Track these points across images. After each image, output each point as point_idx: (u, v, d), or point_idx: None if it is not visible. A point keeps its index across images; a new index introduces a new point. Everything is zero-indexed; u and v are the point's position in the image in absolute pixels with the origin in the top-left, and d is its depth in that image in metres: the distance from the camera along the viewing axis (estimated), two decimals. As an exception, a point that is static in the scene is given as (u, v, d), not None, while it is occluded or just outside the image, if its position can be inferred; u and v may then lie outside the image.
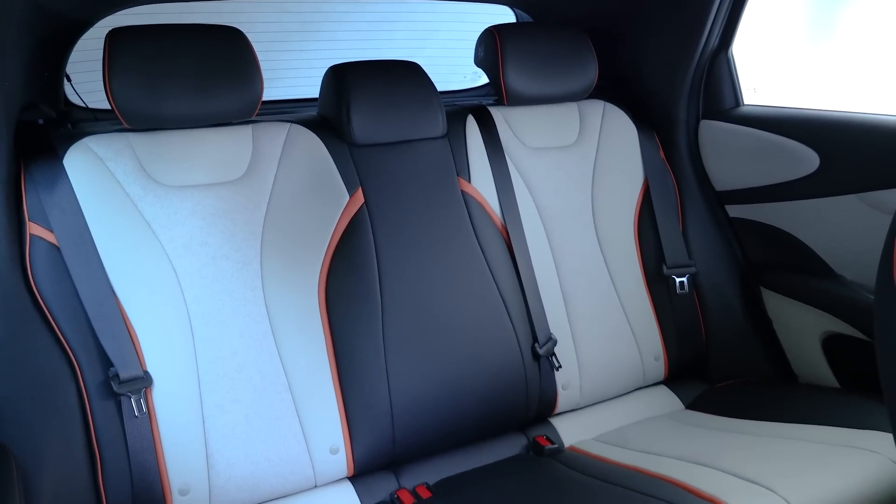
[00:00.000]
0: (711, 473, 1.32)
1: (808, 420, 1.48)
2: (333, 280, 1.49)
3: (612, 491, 1.32)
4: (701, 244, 1.87)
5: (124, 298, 1.34)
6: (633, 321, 1.78)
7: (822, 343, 1.71)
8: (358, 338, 1.47)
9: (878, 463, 1.29)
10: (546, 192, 1.76)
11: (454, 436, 1.56)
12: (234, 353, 1.39)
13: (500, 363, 1.57)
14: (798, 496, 1.21)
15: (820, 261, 1.70)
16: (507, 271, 1.64)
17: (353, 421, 1.45)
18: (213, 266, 1.41)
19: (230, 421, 1.36)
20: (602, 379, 1.73)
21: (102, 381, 1.29)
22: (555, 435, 1.66)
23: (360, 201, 1.55)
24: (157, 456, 1.31)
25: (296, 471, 1.40)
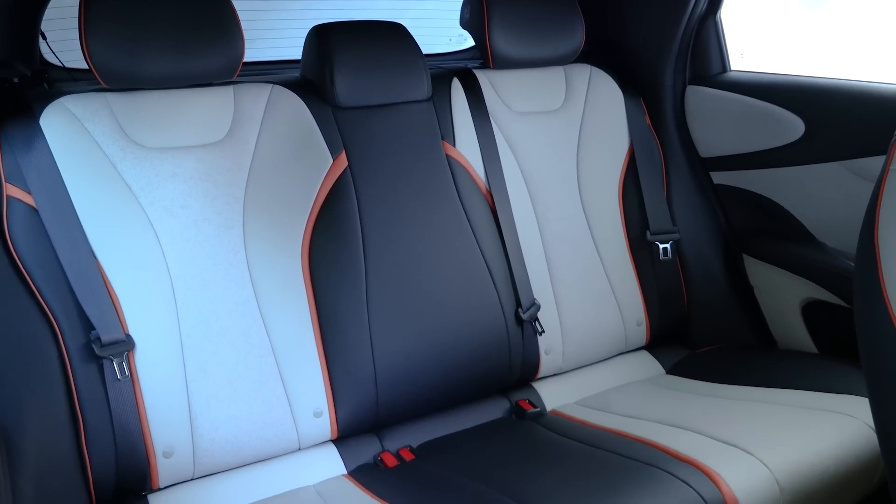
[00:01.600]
0: (690, 436, 1.35)
1: (787, 385, 1.50)
2: (317, 244, 1.49)
3: (593, 453, 1.34)
4: (685, 211, 1.87)
5: (105, 261, 1.32)
6: (616, 287, 1.79)
7: (802, 309, 1.73)
8: (341, 302, 1.47)
9: (854, 427, 1.32)
10: (531, 158, 1.75)
11: (437, 400, 1.57)
12: (217, 316, 1.39)
13: (483, 328, 1.58)
14: (775, 458, 1.24)
15: (802, 228, 1.71)
16: (491, 236, 1.64)
17: (337, 385, 1.45)
18: (195, 229, 1.40)
19: (213, 384, 1.36)
20: (584, 344, 1.74)
21: (84, 344, 1.28)
22: (537, 399, 1.67)
23: (344, 165, 1.53)
24: (141, 419, 1.31)
25: (280, 434, 1.41)
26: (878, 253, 0.89)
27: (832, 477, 1.25)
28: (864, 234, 0.93)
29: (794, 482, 1.22)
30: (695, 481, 1.19)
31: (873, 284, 0.89)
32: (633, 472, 1.23)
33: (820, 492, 1.24)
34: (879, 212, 0.91)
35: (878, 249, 0.89)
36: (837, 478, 1.26)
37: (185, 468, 1.34)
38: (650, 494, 1.17)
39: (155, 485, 1.33)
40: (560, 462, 1.32)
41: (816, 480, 1.24)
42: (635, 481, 1.21)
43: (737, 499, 1.18)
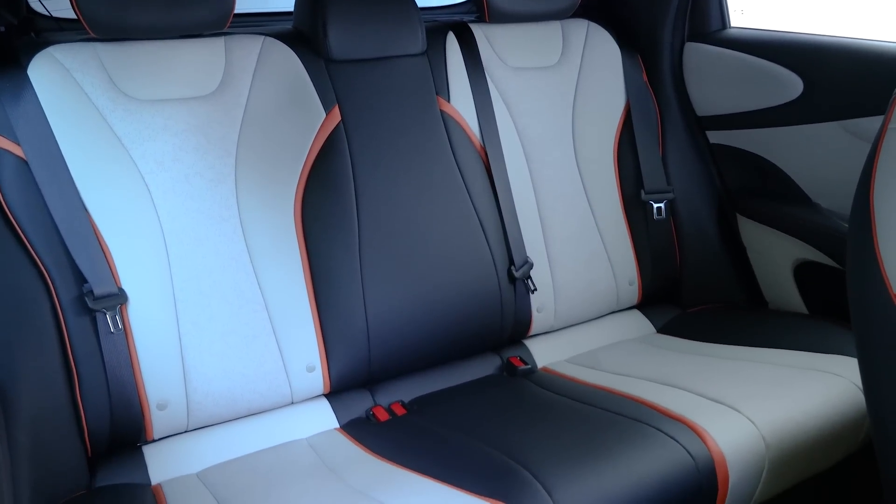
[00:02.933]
0: (679, 394, 1.36)
1: (776, 344, 1.52)
2: (309, 199, 1.48)
3: (583, 409, 1.35)
4: (680, 170, 1.87)
5: (96, 214, 1.31)
6: (609, 246, 1.79)
7: (794, 270, 1.74)
8: (334, 258, 1.47)
9: (842, 386, 1.33)
10: (526, 114, 1.73)
11: (429, 356, 1.58)
12: (210, 271, 1.38)
13: (476, 285, 1.58)
14: (762, 416, 1.25)
15: (797, 188, 1.71)
16: (484, 194, 1.63)
17: (330, 340, 1.46)
18: (187, 183, 1.39)
19: (206, 338, 1.36)
20: (576, 302, 1.75)
21: (76, 297, 1.28)
22: (528, 356, 1.69)
23: (337, 119, 1.52)
24: (135, 372, 1.31)
25: (273, 388, 1.42)
26: (872, 213, 0.89)
27: (818, 434, 1.27)
28: (860, 194, 0.93)
29: (780, 439, 1.24)
30: (683, 437, 1.21)
31: (867, 244, 0.89)
32: (622, 429, 1.25)
33: (805, 449, 1.26)
34: (876, 171, 0.90)
35: (872, 209, 0.89)
36: (823, 435, 1.28)
37: (178, 420, 1.35)
38: (639, 450, 1.19)
39: (149, 436, 1.35)
40: (550, 418, 1.33)
41: (802, 438, 1.26)
42: (624, 437, 1.22)
43: (723, 454, 1.20)
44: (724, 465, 1.19)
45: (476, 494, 1.10)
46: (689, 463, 1.18)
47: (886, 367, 0.89)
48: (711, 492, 1.19)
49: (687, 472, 1.17)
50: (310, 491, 1.18)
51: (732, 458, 1.20)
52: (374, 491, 1.15)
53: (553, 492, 1.09)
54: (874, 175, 0.91)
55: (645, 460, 1.17)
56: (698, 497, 1.18)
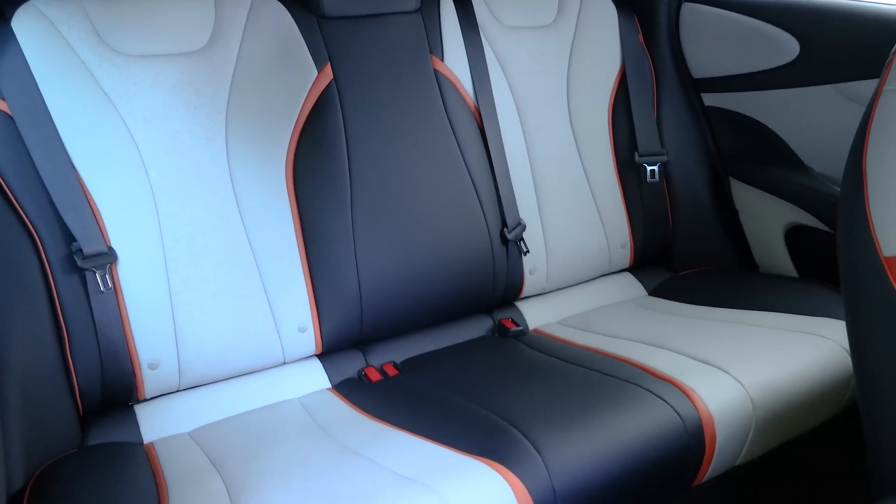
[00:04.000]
0: (669, 355, 1.37)
1: (766, 307, 1.53)
2: (301, 159, 1.46)
3: (573, 370, 1.36)
4: (674, 132, 1.86)
5: (84, 172, 1.30)
6: (602, 208, 1.78)
7: (785, 234, 1.75)
8: (326, 218, 1.46)
9: (829, 348, 1.35)
10: (521, 74, 1.71)
11: (421, 317, 1.58)
12: (201, 230, 1.37)
13: (468, 246, 1.58)
14: (750, 377, 1.27)
15: (790, 152, 1.71)
16: (478, 154, 1.62)
17: (321, 300, 1.46)
18: (177, 141, 1.37)
19: (197, 298, 1.36)
20: (568, 265, 1.75)
21: (65, 255, 1.27)
22: (520, 318, 1.69)
23: (329, 77, 1.50)
24: (125, 331, 1.31)
25: (264, 348, 1.42)
26: (864, 176, 0.89)
27: (804, 395, 1.29)
28: (852, 157, 0.92)
29: (767, 399, 1.25)
30: (671, 398, 1.22)
31: (858, 207, 0.89)
32: (612, 389, 1.26)
33: (792, 409, 1.28)
34: (869, 134, 0.90)
35: (865, 172, 0.89)
36: (809, 396, 1.29)
37: (170, 380, 1.35)
38: (628, 410, 1.20)
39: (141, 395, 1.35)
40: (540, 378, 1.34)
41: (789, 398, 1.27)
42: (614, 398, 1.23)
43: (711, 415, 1.21)
44: (711, 425, 1.21)
45: (466, 453, 1.11)
46: (678, 423, 1.19)
47: (873, 329, 0.89)
48: (699, 451, 1.20)
49: (675, 431, 1.18)
50: (301, 449, 1.19)
51: (720, 419, 1.21)
52: (366, 449, 1.16)
53: (543, 451, 1.11)
54: (867, 137, 0.91)
55: (634, 420, 1.18)
56: (686, 456, 1.19)
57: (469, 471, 1.06)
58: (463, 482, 1.04)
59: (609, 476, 1.12)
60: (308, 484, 1.06)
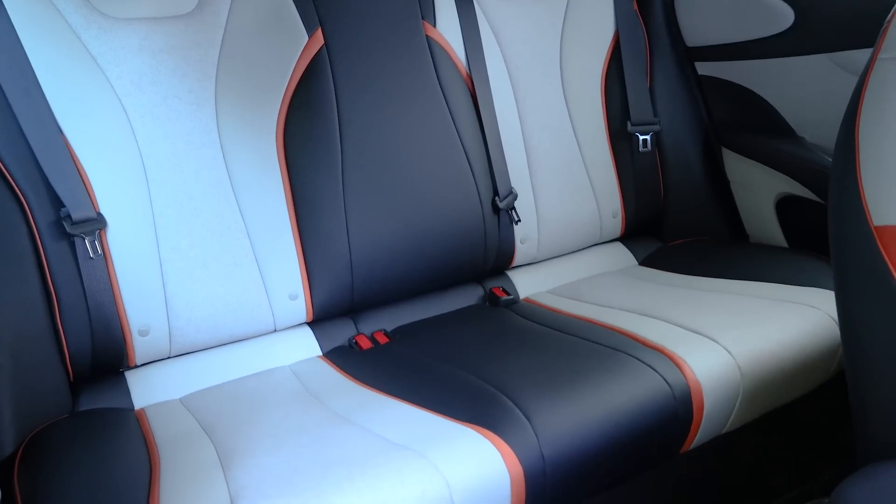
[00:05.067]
0: (658, 324, 1.38)
1: (755, 277, 1.53)
2: (291, 125, 1.45)
3: (563, 339, 1.37)
4: (667, 102, 1.85)
5: (72, 137, 1.28)
6: (593, 178, 1.78)
7: (776, 204, 1.75)
8: (317, 185, 1.45)
9: (817, 318, 1.35)
10: (514, 42, 1.69)
11: (412, 285, 1.58)
12: (190, 197, 1.37)
13: (459, 215, 1.57)
14: (738, 346, 1.28)
15: (782, 122, 1.70)
16: (470, 122, 1.61)
17: (312, 268, 1.46)
18: (165, 106, 1.35)
19: (188, 264, 1.36)
20: (560, 234, 1.75)
21: (54, 221, 1.26)
22: (511, 287, 1.70)
23: (320, 43, 1.48)
24: (115, 297, 1.31)
25: (255, 315, 1.42)
26: (857, 145, 0.89)
27: (792, 364, 1.30)
28: (845, 126, 0.92)
29: (754, 368, 1.26)
30: (660, 366, 1.23)
31: (849, 177, 0.89)
32: (602, 357, 1.26)
33: (779, 377, 1.29)
34: (862, 103, 0.89)
35: (857, 141, 0.89)
36: (797, 365, 1.31)
37: (161, 346, 1.35)
38: (617, 378, 1.21)
39: (132, 362, 1.35)
40: (531, 346, 1.35)
41: (777, 367, 1.28)
42: (603, 366, 1.24)
43: (699, 383, 1.22)
44: (699, 393, 1.22)
45: (457, 420, 1.12)
46: (666, 391, 1.20)
47: (861, 298, 0.90)
48: (686, 418, 1.22)
49: (664, 399, 1.19)
50: (292, 416, 1.19)
51: (708, 387, 1.23)
52: (357, 416, 1.17)
53: (532, 418, 1.11)
54: (860, 106, 0.90)
55: (623, 388, 1.19)
56: (674, 424, 1.21)
57: (459, 438, 1.07)
58: (453, 449, 1.05)
59: (597, 443, 1.13)
60: (299, 450, 1.07)
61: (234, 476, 1.02)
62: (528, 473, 1.07)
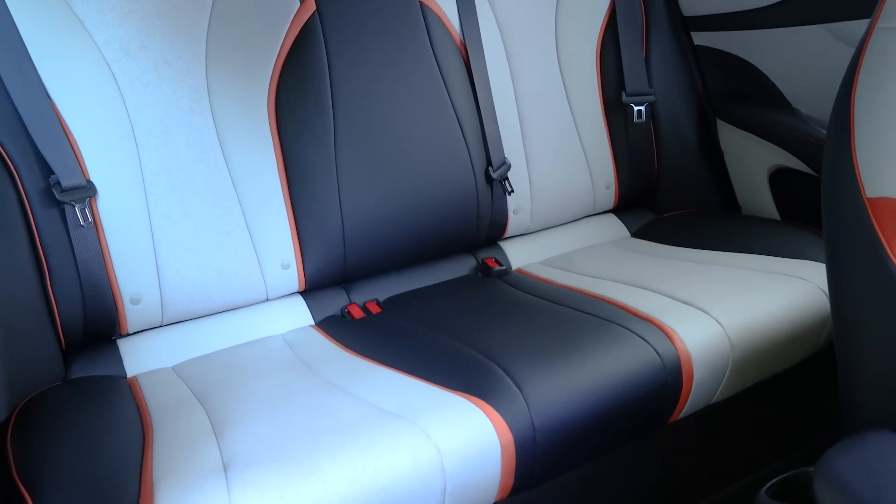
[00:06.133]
0: (650, 296, 1.38)
1: (747, 249, 1.54)
2: (283, 93, 1.44)
3: (555, 309, 1.37)
4: (662, 72, 1.83)
5: (60, 103, 1.27)
6: (587, 148, 1.77)
7: (770, 176, 1.75)
8: (309, 154, 1.44)
9: (808, 290, 1.36)
10: (508, 10, 1.67)
11: (405, 255, 1.58)
12: (181, 164, 1.35)
13: (452, 185, 1.57)
14: (728, 317, 1.28)
15: (778, 93, 1.70)
16: (463, 91, 1.60)
17: (304, 237, 1.45)
18: (155, 72, 1.34)
19: (179, 233, 1.35)
20: (553, 205, 1.75)
21: (43, 188, 1.25)
22: (503, 257, 1.70)
23: (312, 9, 1.46)
24: (107, 265, 1.30)
25: (247, 284, 1.42)
26: (852, 115, 0.89)
27: (781, 336, 1.31)
28: (840, 97, 0.92)
29: (744, 339, 1.27)
30: (651, 337, 1.24)
31: (844, 148, 0.89)
32: (593, 328, 1.27)
33: (768, 349, 1.30)
34: (859, 73, 0.89)
35: (852, 112, 0.89)
36: (786, 337, 1.32)
37: (153, 315, 1.35)
38: (608, 348, 1.21)
39: (124, 330, 1.35)
40: (522, 316, 1.35)
41: (766, 338, 1.29)
42: (594, 336, 1.24)
43: (689, 353, 1.23)
44: (689, 363, 1.23)
45: (448, 389, 1.13)
46: (657, 361, 1.21)
47: (852, 270, 0.90)
48: (676, 388, 1.23)
49: (654, 369, 1.20)
50: (285, 384, 1.20)
51: (698, 357, 1.23)
52: (349, 385, 1.17)
53: (523, 387, 1.12)
54: (857, 77, 0.90)
55: (613, 358, 1.20)
56: (663, 394, 1.22)
57: (451, 406, 1.08)
58: (445, 416, 1.06)
59: (587, 412, 1.14)
60: (291, 417, 1.07)
61: (227, 442, 1.03)
62: (518, 441, 1.08)
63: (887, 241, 0.84)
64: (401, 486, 0.98)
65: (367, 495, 0.96)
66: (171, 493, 0.92)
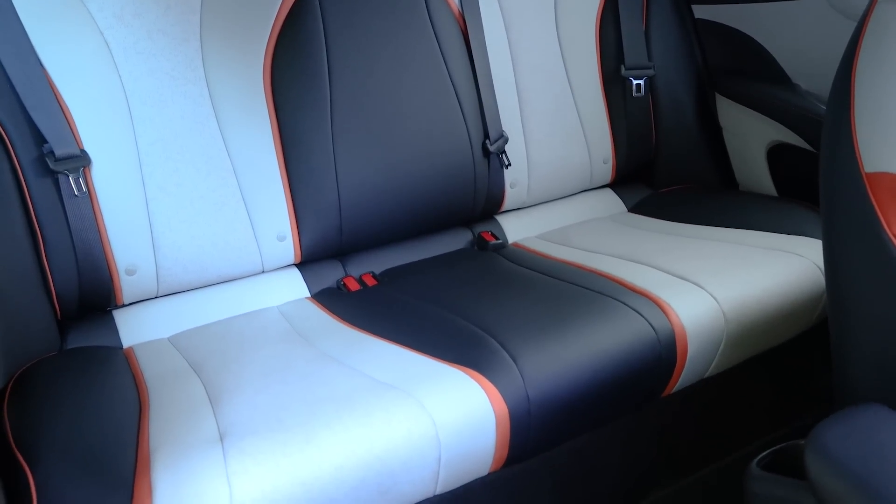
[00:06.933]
0: (645, 270, 1.39)
1: (743, 225, 1.54)
2: (279, 63, 1.42)
3: (551, 283, 1.37)
4: (662, 46, 1.82)
5: (53, 71, 1.25)
6: (585, 122, 1.76)
7: (768, 152, 1.74)
8: (305, 125, 1.43)
9: (803, 266, 1.36)
10: (507, -20, 1.66)
11: (401, 228, 1.58)
12: (176, 135, 1.34)
13: (449, 158, 1.56)
14: (723, 292, 1.29)
15: (778, 68, 1.68)
16: (461, 63, 1.58)
17: (300, 209, 1.45)
18: (149, 41, 1.32)
19: (174, 203, 1.34)
20: (550, 179, 1.74)
21: (37, 157, 1.24)
22: (500, 231, 1.70)
23: (308, -22, 1.44)
24: (101, 236, 1.29)
25: (242, 256, 1.41)
26: (852, 90, 0.88)
27: (776, 311, 1.31)
28: (841, 71, 0.91)
29: (739, 314, 1.28)
30: (646, 311, 1.24)
31: (843, 122, 0.88)
32: (588, 301, 1.27)
33: (762, 324, 1.31)
34: (861, 46, 0.88)
35: (853, 86, 0.88)
36: (781, 312, 1.32)
37: (148, 286, 1.35)
38: (603, 322, 1.22)
39: (119, 301, 1.35)
40: (518, 290, 1.35)
41: (760, 313, 1.30)
42: (590, 310, 1.25)
43: (684, 327, 1.23)
44: (684, 337, 1.23)
45: (444, 361, 1.13)
46: (651, 335, 1.21)
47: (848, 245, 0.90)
48: (670, 362, 1.23)
49: (648, 343, 1.21)
50: (280, 355, 1.20)
51: (692, 331, 1.24)
52: (344, 356, 1.17)
53: (518, 359, 1.13)
54: (858, 51, 0.89)
55: (608, 332, 1.20)
56: (657, 367, 1.22)
57: (446, 377, 1.08)
58: (440, 388, 1.06)
59: (582, 385, 1.15)
60: (287, 388, 1.08)
61: (224, 412, 1.03)
62: (512, 413, 1.08)
63: (884, 215, 0.84)
64: (396, 456, 0.99)
65: (362, 465, 0.96)
66: (168, 462, 0.93)
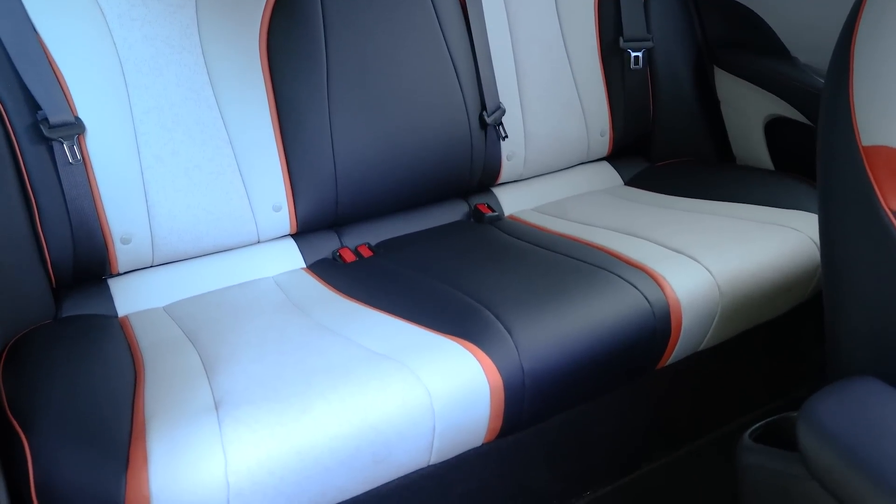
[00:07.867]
0: (641, 243, 1.39)
1: (739, 199, 1.54)
2: (275, 32, 1.41)
3: (546, 255, 1.37)
4: (661, 17, 1.80)
5: (47, 38, 1.24)
6: (583, 95, 1.75)
7: (766, 126, 1.73)
8: (301, 95, 1.42)
9: (798, 240, 1.37)
10: (506, -51, 1.63)
11: (397, 200, 1.57)
12: (171, 103, 1.33)
13: (446, 129, 1.55)
14: (719, 265, 1.29)
15: (777, 41, 1.67)
16: (459, 34, 1.57)
17: (296, 180, 1.44)
18: (144, 7, 1.30)
19: (170, 172, 1.34)
20: (547, 152, 1.73)
21: (31, 124, 1.23)
22: (496, 203, 1.69)
23: (305, -55, 1.42)
24: (96, 204, 1.29)
25: (238, 226, 1.41)
26: (851, 63, 0.87)
27: (770, 285, 1.32)
28: (840, 43, 0.90)
29: (734, 287, 1.28)
30: (641, 284, 1.24)
31: (842, 95, 0.88)
32: (583, 274, 1.27)
33: (757, 297, 1.31)
34: (860, 19, 0.87)
35: (852, 59, 0.87)
36: (775, 286, 1.32)
37: (143, 254, 1.35)
38: (598, 295, 1.22)
39: (114, 269, 1.35)
40: (514, 262, 1.36)
41: (755, 287, 1.30)
42: (585, 282, 1.25)
43: (679, 301, 1.24)
44: (678, 310, 1.24)
45: (439, 332, 1.13)
46: (646, 308, 1.22)
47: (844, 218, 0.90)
48: (665, 335, 1.24)
49: (643, 316, 1.21)
50: (276, 325, 1.20)
51: (687, 305, 1.24)
52: (340, 327, 1.18)
53: (513, 331, 1.13)
54: (858, 23, 0.88)
55: (603, 304, 1.21)
56: (652, 340, 1.23)
57: (441, 348, 1.09)
58: (435, 359, 1.07)
59: (576, 357, 1.16)
60: (282, 358, 1.08)
61: (219, 382, 1.03)
62: (507, 385, 1.09)
63: (880, 189, 0.83)
64: (390, 426, 0.99)
65: (356, 435, 0.97)
66: (163, 430, 0.93)
